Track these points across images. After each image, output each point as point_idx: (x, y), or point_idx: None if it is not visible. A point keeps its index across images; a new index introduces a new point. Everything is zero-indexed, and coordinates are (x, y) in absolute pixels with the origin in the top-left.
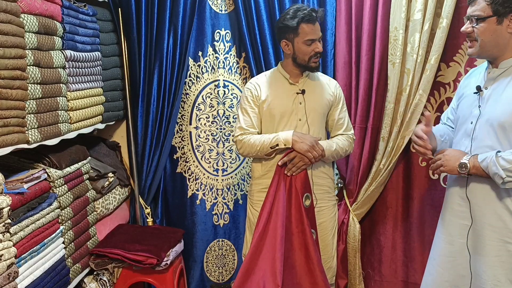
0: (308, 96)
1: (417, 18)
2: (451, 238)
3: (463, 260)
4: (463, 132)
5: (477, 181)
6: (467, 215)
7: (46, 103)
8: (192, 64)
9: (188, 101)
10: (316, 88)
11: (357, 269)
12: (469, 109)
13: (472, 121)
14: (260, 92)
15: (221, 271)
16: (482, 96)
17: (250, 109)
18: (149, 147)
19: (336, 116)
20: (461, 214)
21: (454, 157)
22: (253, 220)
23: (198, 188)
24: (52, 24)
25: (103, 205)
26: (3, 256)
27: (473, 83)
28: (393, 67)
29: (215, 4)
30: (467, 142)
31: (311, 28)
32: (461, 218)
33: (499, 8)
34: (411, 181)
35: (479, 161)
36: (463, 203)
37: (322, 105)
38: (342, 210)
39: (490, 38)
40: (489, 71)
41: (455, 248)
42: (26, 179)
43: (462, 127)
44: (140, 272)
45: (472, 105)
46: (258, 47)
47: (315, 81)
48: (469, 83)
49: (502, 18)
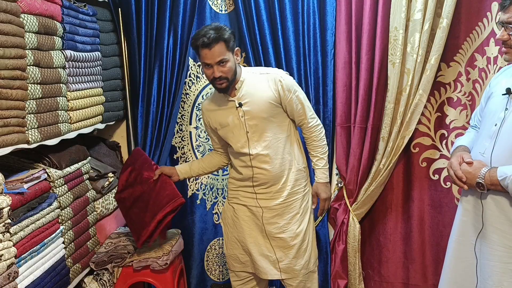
0: (247, 106)
1: (417, 18)
2: (463, 239)
3: (470, 263)
4: (486, 133)
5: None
6: (479, 219)
7: (46, 103)
8: (192, 64)
9: (188, 101)
10: (254, 94)
11: (357, 269)
12: (495, 110)
13: (497, 123)
14: (208, 116)
15: (222, 270)
16: (511, 99)
17: (210, 133)
18: (149, 147)
19: (294, 108)
20: (475, 217)
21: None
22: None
23: (198, 188)
24: (52, 24)
25: (103, 205)
26: (3, 256)
27: (504, 83)
28: (393, 67)
29: (215, 4)
30: (487, 144)
31: (205, 53)
32: (474, 221)
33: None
34: (411, 181)
35: (499, 178)
36: (476, 205)
37: (264, 109)
38: (342, 210)
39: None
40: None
41: (466, 249)
42: (26, 179)
43: (485, 127)
44: (140, 272)
45: (498, 106)
46: (258, 47)
47: (251, 86)
48: (499, 82)
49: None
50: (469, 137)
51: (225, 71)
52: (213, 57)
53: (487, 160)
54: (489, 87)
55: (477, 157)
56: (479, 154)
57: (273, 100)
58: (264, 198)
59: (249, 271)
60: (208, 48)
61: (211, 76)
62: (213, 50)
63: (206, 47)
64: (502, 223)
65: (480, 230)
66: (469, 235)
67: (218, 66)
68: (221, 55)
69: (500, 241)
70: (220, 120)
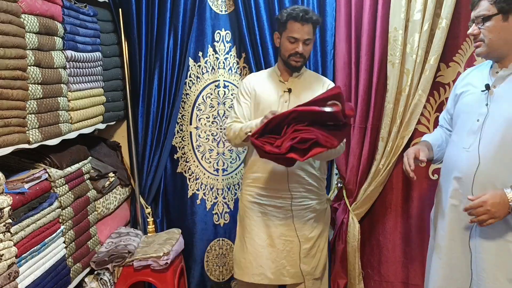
0: (295, 95)
1: (416, 19)
2: (454, 235)
3: (464, 258)
4: (468, 130)
5: (483, 182)
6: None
7: (47, 103)
8: (192, 65)
9: (188, 101)
10: (306, 89)
11: (356, 269)
12: (474, 107)
13: (479, 119)
14: (253, 85)
15: (222, 270)
16: (491, 95)
17: (243, 100)
18: (150, 147)
19: None
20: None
21: (500, 204)
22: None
23: (198, 188)
24: (53, 25)
25: (104, 204)
26: (4, 256)
27: (475, 82)
28: (392, 67)
29: (215, 4)
30: (472, 139)
31: (297, 27)
32: (464, 215)
33: (503, 5)
34: (410, 181)
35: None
36: (465, 200)
37: None
38: (342, 210)
39: (498, 36)
40: (497, 71)
41: (458, 245)
42: (27, 179)
43: (465, 124)
44: (140, 272)
45: (477, 103)
46: (258, 48)
47: (306, 81)
48: (469, 82)
49: (507, 15)
50: (435, 134)
51: (307, 50)
52: (303, 34)
53: (474, 154)
54: (456, 88)
55: (461, 152)
56: (464, 149)
57: None
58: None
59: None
60: (301, 23)
61: (293, 50)
62: (305, 27)
63: (300, 21)
64: None
65: (474, 224)
66: (459, 230)
67: (303, 44)
68: (309, 35)
69: (493, 234)
70: (261, 92)
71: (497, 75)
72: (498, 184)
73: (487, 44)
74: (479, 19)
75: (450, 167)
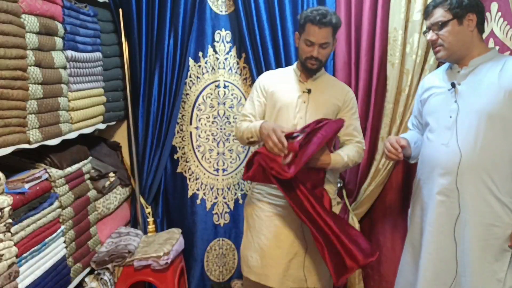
0: (314, 96)
1: (416, 19)
2: (441, 229)
3: (450, 250)
4: (442, 127)
5: (467, 173)
6: (455, 205)
7: (47, 103)
8: (192, 65)
9: (188, 102)
10: (325, 91)
11: None
12: (443, 105)
13: (451, 115)
14: (270, 84)
15: (222, 270)
16: (457, 92)
17: (256, 98)
18: (150, 147)
19: (345, 125)
20: (450, 205)
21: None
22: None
23: (198, 188)
24: (53, 25)
25: (104, 204)
26: (4, 256)
27: (437, 83)
28: (392, 67)
29: (215, 5)
30: (448, 135)
31: (314, 30)
32: (450, 208)
33: (457, 11)
34: (410, 181)
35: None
36: (451, 193)
37: (326, 108)
38: (342, 209)
39: (455, 39)
40: (458, 70)
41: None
42: (27, 179)
43: (438, 122)
44: (140, 272)
45: (446, 101)
46: (258, 48)
47: (325, 84)
48: (431, 85)
49: (461, 19)
50: (410, 133)
51: (323, 54)
52: (319, 38)
53: (454, 148)
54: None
55: (440, 148)
56: (443, 145)
57: (335, 105)
58: None
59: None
60: (319, 27)
61: (309, 54)
62: (322, 31)
63: (317, 25)
64: (479, 204)
65: (458, 215)
66: (447, 223)
67: (319, 48)
68: (327, 38)
69: (479, 220)
70: (279, 91)
71: (458, 74)
72: (482, 173)
73: (447, 48)
74: (435, 26)
75: (431, 165)
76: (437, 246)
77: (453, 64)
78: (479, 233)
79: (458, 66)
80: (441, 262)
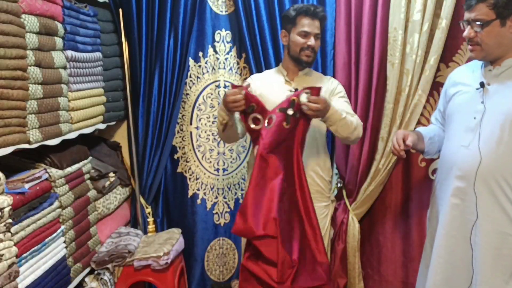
0: None
1: (416, 19)
2: (455, 233)
3: (465, 256)
4: (465, 127)
5: (486, 178)
6: (471, 210)
7: (47, 103)
8: (192, 65)
9: (188, 102)
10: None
11: (356, 269)
12: (469, 105)
13: (476, 116)
14: (257, 87)
15: (222, 270)
16: (485, 93)
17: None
18: (150, 147)
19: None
20: (465, 209)
21: None
22: None
23: (198, 188)
24: (53, 25)
25: (104, 204)
26: (4, 256)
27: (466, 81)
28: (392, 67)
29: (216, 5)
30: (470, 137)
31: (308, 21)
32: (465, 213)
33: (502, 11)
34: (410, 181)
35: None
36: (466, 197)
37: None
38: (342, 209)
39: (494, 41)
40: (490, 69)
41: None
42: (27, 179)
43: (460, 122)
44: (140, 272)
45: (472, 101)
46: (258, 48)
47: (310, 80)
48: (459, 81)
49: (505, 20)
50: (428, 127)
51: (317, 46)
52: (314, 28)
53: (474, 151)
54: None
55: (459, 150)
56: (462, 147)
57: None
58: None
59: None
60: (311, 18)
61: (305, 44)
62: (315, 22)
63: (309, 16)
64: (495, 211)
65: (475, 221)
66: (460, 227)
67: (314, 38)
68: (319, 29)
69: (494, 228)
70: (266, 94)
71: (490, 73)
72: (500, 179)
73: (484, 49)
74: (475, 23)
75: (448, 166)
76: (449, 250)
77: (485, 62)
78: (492, 241)
79: (490, 64)
80: (453, 268)
